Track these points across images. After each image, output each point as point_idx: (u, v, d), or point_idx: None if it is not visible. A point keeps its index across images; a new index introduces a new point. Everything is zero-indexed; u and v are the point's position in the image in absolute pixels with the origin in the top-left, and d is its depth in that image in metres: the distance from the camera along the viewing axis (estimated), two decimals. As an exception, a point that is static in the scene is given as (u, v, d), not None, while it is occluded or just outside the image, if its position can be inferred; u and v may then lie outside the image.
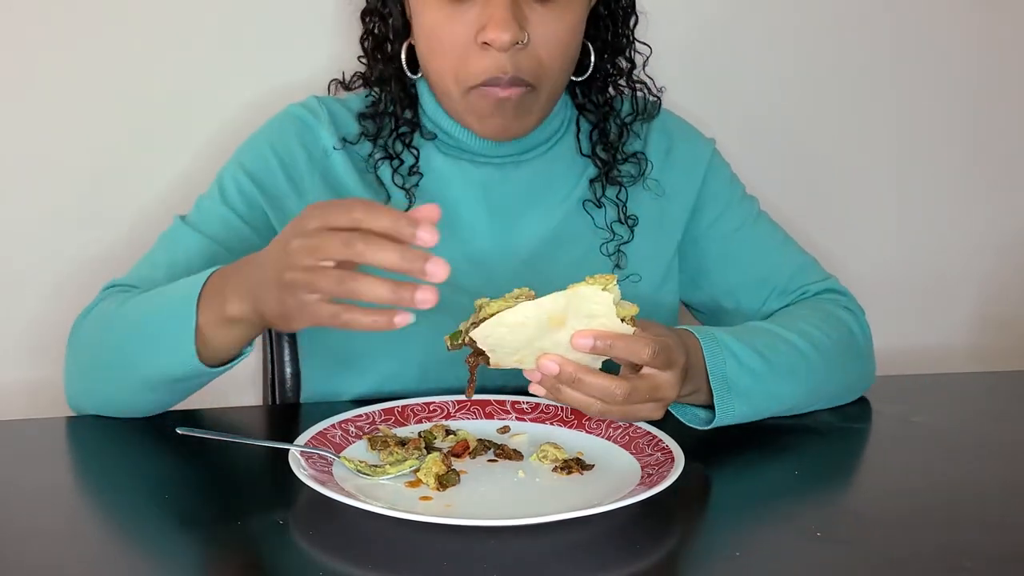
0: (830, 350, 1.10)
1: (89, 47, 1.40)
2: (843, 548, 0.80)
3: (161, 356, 0.97)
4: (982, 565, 0.78)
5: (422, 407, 1.04)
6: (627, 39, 1.22)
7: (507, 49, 1.05)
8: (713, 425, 1.01)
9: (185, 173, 1.45)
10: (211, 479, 0.95)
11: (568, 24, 1.09)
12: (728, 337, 1.03)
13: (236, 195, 1.15)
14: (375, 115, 1.18)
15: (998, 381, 1.34)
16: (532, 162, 1.19)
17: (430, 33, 1.09)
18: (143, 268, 1.15)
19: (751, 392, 1.02)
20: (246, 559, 0.80)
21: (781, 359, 1.05)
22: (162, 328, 0.97)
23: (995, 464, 1.00)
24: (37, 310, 1.45)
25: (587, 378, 0.89)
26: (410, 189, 1.16)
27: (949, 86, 1.65)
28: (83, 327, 1.09)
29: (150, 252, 1.17)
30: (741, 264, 1.23)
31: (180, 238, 1.14)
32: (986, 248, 1.70)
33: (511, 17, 1.04)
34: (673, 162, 1.24)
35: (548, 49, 1.08)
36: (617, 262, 1.18)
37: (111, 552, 0.81)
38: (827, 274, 1.25)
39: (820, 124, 1.62)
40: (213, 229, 1.14)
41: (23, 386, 1.46)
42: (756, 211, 1.26)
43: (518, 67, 1.06)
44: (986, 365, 1.69)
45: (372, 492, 0.86)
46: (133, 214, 1.45)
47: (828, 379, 1.10)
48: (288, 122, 1.19)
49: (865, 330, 1.19)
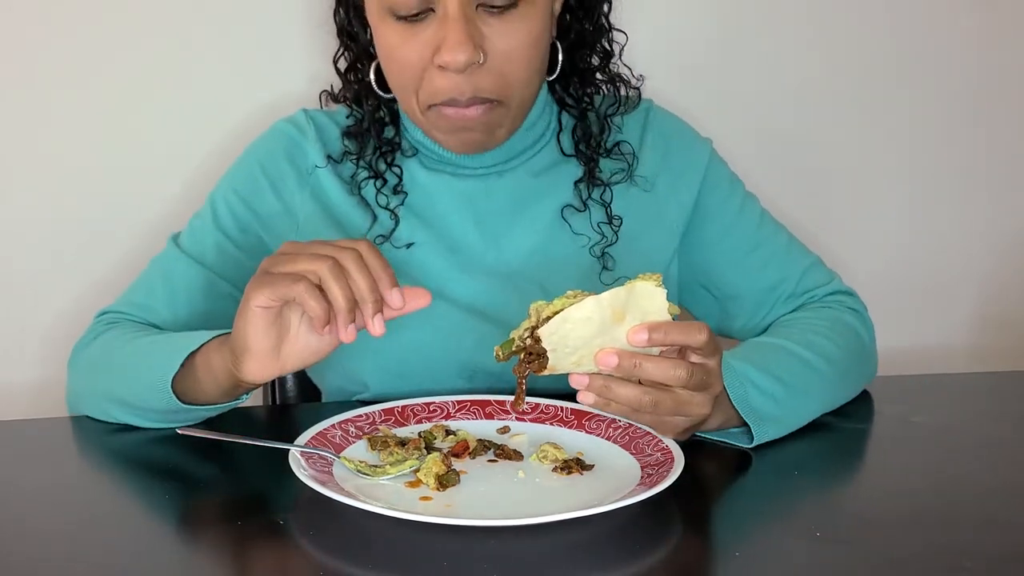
0: (842, 360, 1.11)
1: (86, 56, 1.41)
2: (843, 548, 0.80)
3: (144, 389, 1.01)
4: (982, 565, 0.78)
5: (422, 407, 1.04)
6: (601, 27, 1.17)
7: (463, 70, 1.02)
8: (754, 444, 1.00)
9: (187, 179, 1.46)
10: (211, 479, 0.95)
11: (528, 34, 1.05)
12: (744, 365, 1.01)
13: (229, 220, 1.16)
14: (358, 133, 1.18)
15: (998, 381, 1.34)
16: (515, 171, 1.17)
17: (388, 55, 1.07)
18: (138, 295, 1.16)
19: (777, 418, 1.01)
20: (246, 559, 0.80)
21: (797, 380, 1.04)
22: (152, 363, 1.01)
23: (995, 464, 1.00)
24: (38, 311, 1.45)
25: (648, 363, 0.86)
26: (395, 209, 1.16)
27: (949, 86, 1.65)
28: (83, 358, 1.12)
29: (144, 278, 1.17)
30: (747, 271, 1.21)
31: (177, 267, 1.15)
32: (986, 248, 1.71)
33: (465, 38, 1.01)
34: (670, 165, 1.21)
35: (510, 63, 1.05)
36: (604, 264, 1.16)
37: (111, 552, 0.81)
38: (832, 274, 1.24)
39: (820, 124, 1.62)
40: (209, 257, 1.15)
41: (25, 387, 1.46)
42: (759, 212, 1.24)
43: (477, 87, 1.04)
44: (986, 365, 1.69)
45: (372, 492, 0.86)
46: (133, 218, 1.46)
47: (841, 388, 1.12)
48: (276, 140, 1.19)
49: (870, 330, 1.20)
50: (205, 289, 1.14)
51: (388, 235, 1.15)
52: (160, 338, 1.06)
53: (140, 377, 1.02)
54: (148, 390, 1.00)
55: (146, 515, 0.86)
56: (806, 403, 1.05)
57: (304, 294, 0.87)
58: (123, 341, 1.08)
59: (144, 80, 1.43)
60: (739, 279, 1.22)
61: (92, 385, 1.09)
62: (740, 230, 1.22)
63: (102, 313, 1.16)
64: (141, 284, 1.17)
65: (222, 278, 1.15)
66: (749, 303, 1.22)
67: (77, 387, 1.11)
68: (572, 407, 1.03)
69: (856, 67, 1.61)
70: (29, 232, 1.44)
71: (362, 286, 0.88)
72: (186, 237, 1.18)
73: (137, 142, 1.45)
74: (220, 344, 0.98)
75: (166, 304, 1.14)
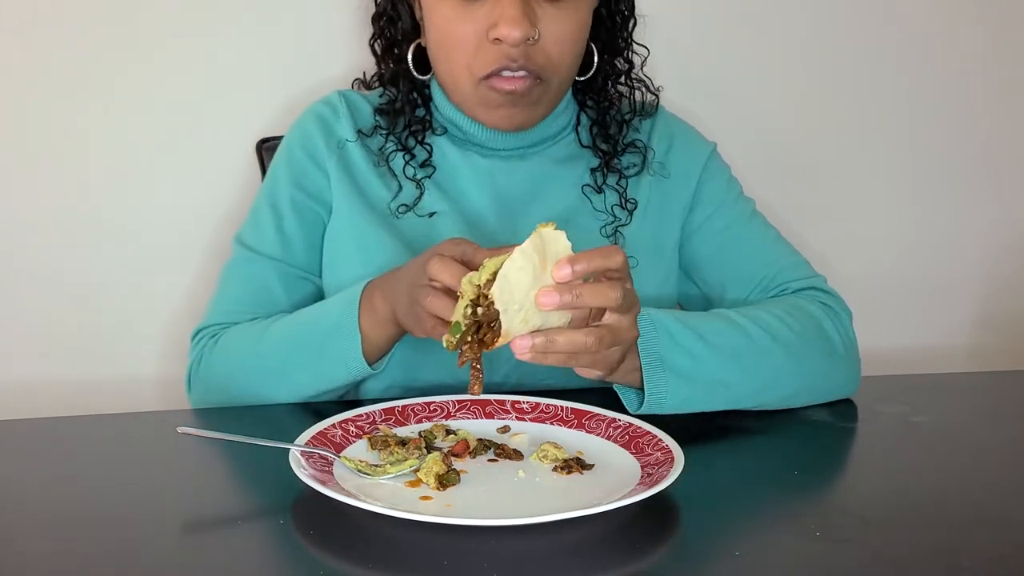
0: (789, 340, 1.09)
1: (103, 48, 1.41)
2: (843, 548, 0.81)
3: (326, 367, 1.08)
4: (982, 565, 0.78)
5: (422, 407, 1.04)
6: (625, 41, 1.27)
7: (518, 45, 1.10)
8: (647, 408, 1.00)
9: (194, 176, 1.46)
10: (211, 479, 0.96)
11: (576, 23, 1.14)
12: (666, 317, 1.03)
13: (287, 206, 1.22)
14: (390, 111, 1.24)
15: (998, 381, 1.34)
16: (536, 156, 1.23)
17: (442, 30, 1.14)
18: (225, 304, 1.22)
19: (691, 374, 1.01)
20: (246, 559, 0.80)
21: (723, 341, 1.04)
22: (326, 343, 1.08)
23: (995, 464, 1.00)
24: (37, 308, 1.45)
25: (585, 291, 0.87)
26: (420, 180, 1.21)
27: (950, 86, 1.65)
28: (209, 374, 1.18)
29: (224, 287, 1.23)
30: (730, 260, 1.24)
31: (251, 268, 1.21)
32: (986, 248, 1.71)
33: (522, 15, 1.09)
34: (672, 162, 1.26)
35: (558, 46, 1.13)
36: (616, 244, 1.20)
37: (111, 552, 0.81)
38: (815, 273, 1.24)
39: (820, 125, 1.62)
40: (277, 249, 1.21)
41: (24, 385, 1.46)
42: (750, 211, 1.27)
43: (529, 60, 1.11)
44: (986, 365, 1.69)
45: (372, 492, 0.86)
46: (136, 214, 1.46)
47: (787, 370, 1.08)
48: (311, 120, 1.26)
49: (844, 330, 1.16)
50: (283, 282, 1.20)
51: (412, 204, 1.21)
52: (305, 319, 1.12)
53: (319, 358, 1.08)
54: (334, 366, 1.07)
55: (146, 515, 0.86)
56: (734, 371, 1.04)
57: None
58: (253, 339, 1.14)
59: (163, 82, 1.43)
60: (722, 269, 1.24)
61: (234, 395, 1.14)
62: (727, 223, 1.25)
63: (197, 332, 1.22)
64: (224, 293, 1.23)
65: (293, 266, 1.21)
66: (728, 291, 1.24)
67: (212, 397, 1.17)
68: (572, 407, 1.03)
69: (856, 68, 1.61)
70: (29, 230, 1.43)
71: None
72: (249, 234, 1.23)
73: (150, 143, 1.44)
74: (376, 299, 1.06)
75: (253, 306, 1.20)
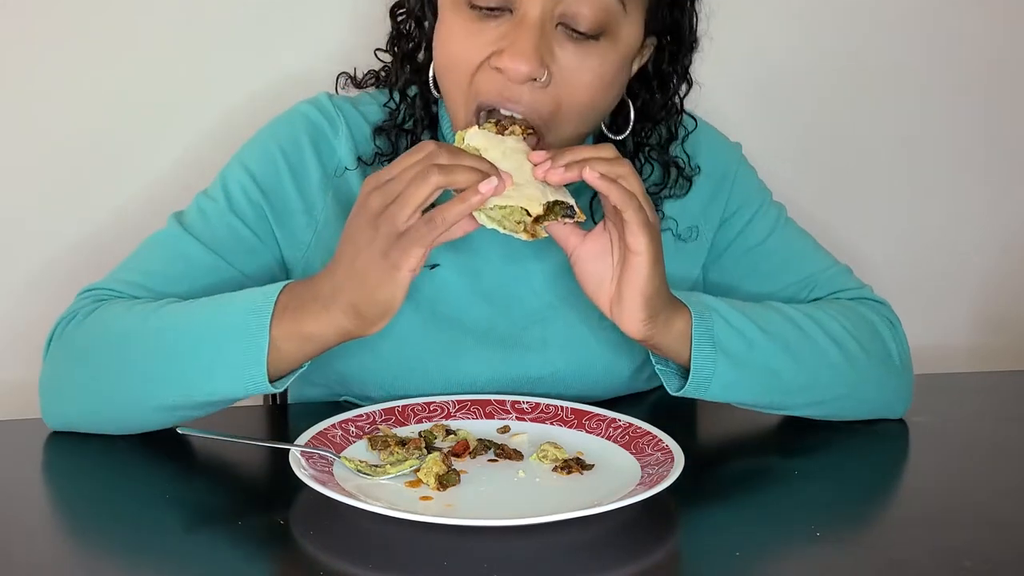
0: (843, 339, 1.02)
1: (85, 31, 1.38)
2: (843, 548, 0.81)
3: (217, 378, 0.91)
4: (982, 565, 0.78)
5: (422, 407, 1.04)
6: (668, 108, 1.09)
7: (521, 82, 0.93)
8: (690, 389, 0.95)
9: (177, 166, 1.43)
10: (211, 479, 0.96)
11: (599, 72, 0.96)
12: (720, 302, 0.98)
13: (244, 203, 1.06)
14: (392, 129, 1.08)
15: (998, 381, 1.34)
16: None
17: (446, 42, 0.98)
18: (131, 273, 1.05)
19: (742, 358, 0.95)
20: (246, 559, 0.80)
21: (777, 330, 0.98)
22: (222, 348, 0.91)
23: (995, 464, 1.00)
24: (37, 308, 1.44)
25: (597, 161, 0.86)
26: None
27: (952, 86, 1.64)
28: (75, 336, 1.00)
29: (139, 256, 1.07)
30: (770, 273, 1.14)
31: (179, 247, 1.05)
32: (986, 248, 1.70)
33: (533, 49, 0.92)
34: (699, 175, 1.13)
35: (570, 94, 0.95)
36: None
37: (111, 552, 0.81)
38: (863, 284, 1.16)
39: (820, 125, 1.62)
40: (217, 239, 1.05)
41: (24, 385, 1.46)
42: (784, 218, 1.18)
43: (532, 106, 0.95)
44: (986, 365, 1.69)
45: (372, 492, 0.86)
46: (120, 210, 1.43)
47: (839, 370, 1.02)
48: (300, 126, 1.09)
49: (900, 342, 1.10)
50: (209, 271, 1.04)
51: None
52: (201, 310, 0.94)
53: (207, 362, 0.91)
54: (223, 376, 0.91)
55: (146, 515, 0.86)
56: (785, 360, 0.98)
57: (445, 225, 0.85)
58: (139, 316, 0.97)
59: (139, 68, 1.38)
60: (761, 283, 1.13)
61: (92, 373, 0.97)
62: (764, 235, 1.15)
63: (87, 290, 1.05)
64: (135, 262, 1.06)
65: (230, 263, 1.05)
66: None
67: (63, 374, 1.00)
68: (572, 407, 1.03)
69: (857, 69, 1.61)
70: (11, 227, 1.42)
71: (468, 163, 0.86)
72: (192, 217, 1.07)
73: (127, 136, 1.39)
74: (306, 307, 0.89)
75: (163, 284, 1.03)
